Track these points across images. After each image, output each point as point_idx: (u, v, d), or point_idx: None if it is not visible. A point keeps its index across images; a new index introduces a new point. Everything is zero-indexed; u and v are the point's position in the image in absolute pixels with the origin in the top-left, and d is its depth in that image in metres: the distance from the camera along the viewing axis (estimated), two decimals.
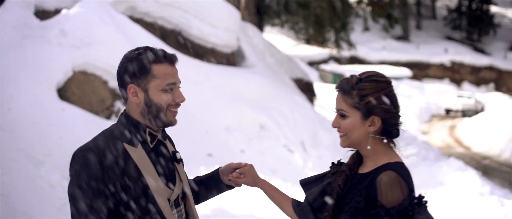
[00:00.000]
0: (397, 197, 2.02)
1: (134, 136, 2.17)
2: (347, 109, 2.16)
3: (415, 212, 2.01)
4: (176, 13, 10.49)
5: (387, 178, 2.06)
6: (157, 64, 2.15)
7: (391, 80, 2.20)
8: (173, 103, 2.19)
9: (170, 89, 2.16)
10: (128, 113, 2.20)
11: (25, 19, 7.90)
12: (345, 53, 31.99)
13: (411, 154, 13.21)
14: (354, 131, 2.17)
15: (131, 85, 2.15)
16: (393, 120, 2.17)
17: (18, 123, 6.42)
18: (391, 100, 2.15)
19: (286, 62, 14.52)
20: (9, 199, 5.07)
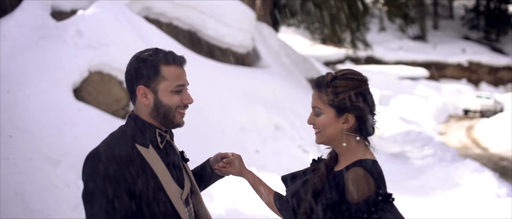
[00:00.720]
0: (363, 193, 2.03)
1: (145, 137, 2.17)
2: (321, 106, 2.18)
3: (379, 209, 2.01)
4: (191, 13, 10.51)
5: (354, 175, 2.07)
6: (167, 65, 2.16)
7: (366, 78, 2.22)
8: (182, 105, 2.20)
9: (179, 91, 2.18)
10: (137, 114, 2.21)
11: (41, 20, 7.97)
12: (361, 53, 31.88)
13: (427, 155, 13.10)
14: (328, 128, 2.19)
15: (141, 86, 2.16)
16: (367, 118, 2.18)
17: (35, 123, 6.48)
18: (366, 98, 2.17)
19: (302, 62, 14.49)
20: (25, 198, 5.12)
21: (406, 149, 14.29)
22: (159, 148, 2.21)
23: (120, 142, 2.13)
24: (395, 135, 16.49)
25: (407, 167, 11.72)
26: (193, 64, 9.49)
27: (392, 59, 41.34)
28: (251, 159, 8.33)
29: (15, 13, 7.93)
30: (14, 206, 5.02)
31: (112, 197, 2.03)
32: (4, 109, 6.55)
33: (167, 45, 9.22)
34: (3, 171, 5.42)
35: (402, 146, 14.70)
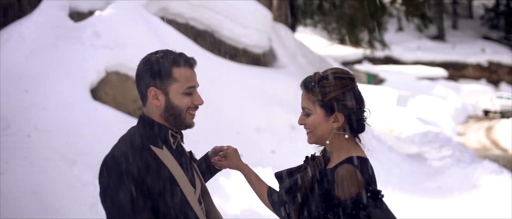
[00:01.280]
0: (352, 190, 2.05)
1: (158, 138, 2.18)
2: (311, 106, 2.19)
3: (368, 205, 2.03)
4: (208, 14, 10.54)
5: (343, 171, 2.09)
6: (178, 67, 2.17)
7: (354, 76, 2.22)
8: (192, 106, 2.21)
9: (189, 92, 2.19)
10: (148, 115, 2.22)
11: (59, 21, 8.05)
12: (379, 53, 31.70)
13: (445, 156, 12.99)
14: (318, 127, 2.20)
15: (152, 88, 2.16)
16: (357, 116, 2.19)
17: (52, 122, 6.54)
18: (354, 97, 2.18)
19: (318, 62, 14.45)
20: (42, 197, 5.17)
21: (424, 150, 14.18)
22: (172, 148, 2.22)
23: (136, 144, 2.13)
24: (412, 136, 16.37)
25: (424, 168, 11.62)
26: (209, 64, 9.53)
27: (411, 59, 41.06)
28: (267, 159, 8.32)
29: (34, 14, 8.02)
30: (31, 205, 5.08)
31: (134, 200, 2.04)
32: (22, 109, 6.63)
33: (184, 45, 9.25)
34: (20, 170, 5.48)
35: (420, 147, 14.59)
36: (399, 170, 10.80)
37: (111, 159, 2.08)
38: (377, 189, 2.09)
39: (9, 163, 5.52)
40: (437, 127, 19.88)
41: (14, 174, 5.34)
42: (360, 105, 2.20)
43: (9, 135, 6.07)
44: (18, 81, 7.05)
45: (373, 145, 8.86)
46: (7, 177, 5.27)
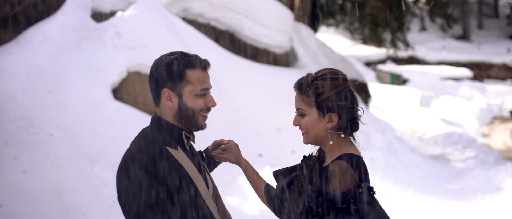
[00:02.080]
0: (344, 185, 2.09)
1: (172, 138, 2.20)
2: (305, 107, 2.23)
3: (359, 200, 2.07)
4: (229, 14, 10.55)
5: (335, 167, 2.13)
6: (192, 69, 2.21)
7: (346, 76, 2.27)
8: (205, 108, 2.25)
9: (203, 94, 2.23)
10: (161, 116, 2.24)
11: (82, 21, 8.13)
12: (403, 53, 31.45)
13: (468, 157, 12.81)
14: (313, 128, 2.25)
15: (166, 89, 2.19)
16: (350, 115, 2.24)
17: (74, 122, 6.62)
18: (347, 97, 2.22)
19: (340, 62, 14.36)
20: (63, 195, 5.24)
21: (447, 151, 14.02)
22: (186, 149, 2.24)
23: (152, 145, 2.14)
24: (435, 137, 16.19)
25: (447, 170, 11.49)
26: (230, 64, 9.53)
27: (435, 59, 40.57)
28: (287, 160, 8.28)
29: (57, 14, 8.11)
30: (52, 203, 5.14)
31: (158, 200, 2.05)
32: (45, 109, 6.71)
33: (205, 45, 9.28)
34: (42, 168, 5.55)
35: (443, 148, 14.43)
36: (421, 172, 10.70)
37: (131, 162, 2.09)
38: (369, 185, 2.13)
39: (31, 161, 5.60)
40: (461, 128, 19.61)
41: (35, 173, 5.42)
42: (354, 104, 2.24)
43: (32, 134, 6.16)
44: (41, 81, 7.14)
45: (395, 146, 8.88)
46: (29, 176, 5.35)
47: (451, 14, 20.96)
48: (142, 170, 2.06)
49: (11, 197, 4.97)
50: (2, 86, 6.74)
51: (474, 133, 20.43)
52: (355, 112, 2.27)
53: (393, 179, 9.33)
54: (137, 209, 2.03)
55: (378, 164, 9.58)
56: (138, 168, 2.06)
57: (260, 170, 7.57)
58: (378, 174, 9.19)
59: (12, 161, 5.53)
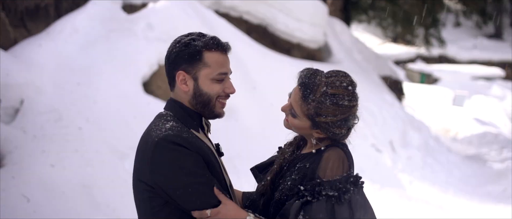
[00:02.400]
0: (336, 172, 2.03)
1: (193, 122, 2.07)
2: (299, 112, 2.12)
3: (348, 188, 2.00)
4: (262, 7, 10.31)
5: (331, 153, 2.07)
6: (210, 51, 2.03)
7: (356, 103, 2.11)
8: (223, 94, 2.08)
9: (221, 79, 2.05)
10: (177, 100, 2.09)
11: (112, 13, 7.95)
12: (433, 52, 30.94)
13: (506, 158, 12.37)
14: (300, 131, 2.18)
15: (181, 72, 2.04)
16: (340, 139, 2.15)
17: (104, 115, 6.43)
18: (346, 124, 2.11)
19: (374, 59, 14.03)
20: (92, 190, 5.03)
21: (483, 151, 13.59)
22: (206, 135, 2.14)
23: (176, 125, 2.02)
24: (470, 137, 15.75)
25: (485, 171, 11.09)
26: (263, 59, 9.27)
27: (466, 58, 39.83)
28: None
29: (87, 6, 7.95)
30: (81, 199, 4.94)
31: (201, 166, 1.97)
32: (74, 102, 6.54)
33: (237, 39, 9.04)
34: (71, 163, 5.36)
35: (478, 148, 14.00)
36: (459, 172, 10.33)
37: (163, 141, 1.95)
38: (359, 175, 2.10)
39: (59, 155, 5.41)
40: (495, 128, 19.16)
41: (64, 167, 5.23)
42: (348, 130, 2.15)
43: (61, 128, 5.98)
44: (70, 74, 6.97)
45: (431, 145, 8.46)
46: (58, 170, 5.16)
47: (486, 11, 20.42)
48: (178, 145, 1.95)
49: (39, 191, 4.78)
50: (31, 79, 6.59)
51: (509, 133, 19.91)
52: (347, 135, 2.18)
53: (432, 180, 8.98)
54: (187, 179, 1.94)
55: (416, 164, 9.24)
56: (173, 144, 1.95)
57: None
58: (415, 174, 8.85)
59: (40, 154, 5.35)
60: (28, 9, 7.62)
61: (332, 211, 1.98)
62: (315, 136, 2.14)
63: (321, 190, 1.99)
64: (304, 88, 2.10)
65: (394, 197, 7.59)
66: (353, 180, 2.04)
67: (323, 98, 2.06)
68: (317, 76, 2.10)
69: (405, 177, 8.54)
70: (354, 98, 2.12)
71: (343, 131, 2.12)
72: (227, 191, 2.11)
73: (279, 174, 2.20)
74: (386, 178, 8.18)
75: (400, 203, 7.46)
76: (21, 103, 6.32)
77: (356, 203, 2.02)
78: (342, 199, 1.99)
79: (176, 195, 1.95)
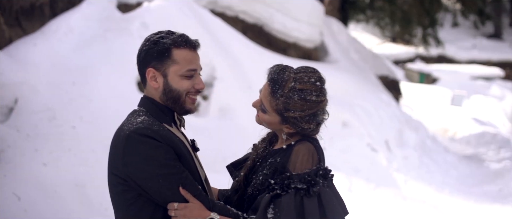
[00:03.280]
0: (305, 166, 2.06)
1: (166, 117, 2.13)
2: (269, 108, 2.15)
3: (317, 181, 2.02)
4: (258, 7, 10.30)
5: (301, 147, 2.10)
6: (178, 48, 2.09)
7: (324, 98, 2.15)
8: (193, 90, 2.13)
9: (190, 76, 2.11)
10: (149, 96, 2.15)
11: (108, 13, 7.95)
12: (432, 52, 30.92)
13: (504, 158, 12.36)
14: (270, 126, 2.21)
15: (150, 69, 2.10)
16: (311, 133, 2.17)
17: (99, 114, 6.43)
18: (315, 119, 2.14)
19: (371, 58, 14.02)
20: (84, 189, 5.03)
21: (481, 151, 13.58)
22: (179, 130, 2.19)
23: (148, 120, 2.07)
24: (468, 137, 15.74)
25: (482, 170, 11.08)
26: (259, 58, 9.26)
27: (465, 58, 39.77)
28: None
29: (82, 6, 7.95)
30: (73, 197, 4.94)
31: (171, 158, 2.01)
32: (69, 101, 6.54)
33: (233, 38, 9.04)
34: (64, 162, 5.37)
35: (476, 148, 14.00)
36: (456, 172, 10.32)
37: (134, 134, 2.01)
38: (329, 168, 2.12)
39: (52, 154, 5.42)
40: (494, 128, 19.15)
41: (57, 166, 5.23)
42: (318, 125, 2.16)
43: (55, 127, 5.99)
44: (65, 73, 6.98)
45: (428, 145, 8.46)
46: (50, 169, 5.16)
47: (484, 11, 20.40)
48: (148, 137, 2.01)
49: (31, 190, 4.78)
50: (26, 78, 6.59)
51: (508, 133, 19.89)
52: (316, 130, 2.20)
53: (428, 179, 8.97)
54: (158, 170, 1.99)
55: (412, 163, 9.23)
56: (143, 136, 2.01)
57: None
58: (412, 173, 8.85)
59: (33, 153, 5.35)
60: (23, 9, 7.61)
61: (301, 203, 2.01)
62: (285, 131, 2.16)
63: (290, 183, 2.03)
64: (273, 83, 2.14)
65: (389, 197, 7.59)
66: (322, 173, 2.07)
67: (291, 93, 2.10)
68: (286, 72, 2.16)
69: (400, 176, 8.54)
70: (322, 93, 2.16)
71: (312, 126, 2.14)
72: (202, 185, 2.16)
73: (252, 170, 2.24)
74: (381, 178, 8.18)
75: (395, 202, 7.46)
76: (16, 102, 6.32)
77: (326, 196, 2.04)
78: (311, 191, 2.01)
79: (147, 187, 2.00)
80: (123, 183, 2.06)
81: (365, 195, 7.43)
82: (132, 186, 2.04)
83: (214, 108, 7.83)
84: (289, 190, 2.02)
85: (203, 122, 7.69)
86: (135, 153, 2.01)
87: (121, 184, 2.06)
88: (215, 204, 2.08)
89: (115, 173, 2.08)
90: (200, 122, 7.68)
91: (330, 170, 2.12)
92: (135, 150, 2.01)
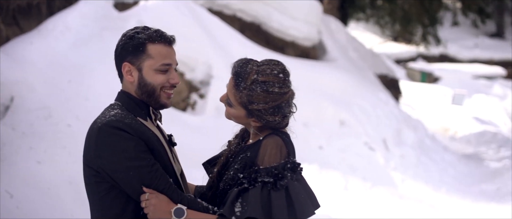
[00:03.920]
0: (273, 160, 2.07)
1: (141, 111, 2.17)
2: (234, 102, 2.17)
3: (285, 175, 2.03)
4: (256, 5, 10.31)
5: (269, 141, 2.11)
6: (153, 43, 2.15)
7: (287, 90, 2.15)
8: (168, 85, 2.17)
9: (164, 70, 2.15)
10: (126, 91, 2.21)
11: (105, 11, 7.98)
12: (434, 51, 30.90)
13: (504, 157, 12.35)
14: (238, 120, 2.22)
15: (126, 63, 2.18)
16: (278, 126, 2.17)
17: (95, 113, 6.34)
18: (279, 111, 2.14)
19: (370, 57, 14.01)
20: (77, 187, 5.03)
21: (481, 150, 13.57)
22: (153, 124, 2.22)
23: (122, 113, 2.12)
24: (468, 136, 15.73)
25: (481, 169, 11.08)
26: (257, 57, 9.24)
27: (467, 57, 39.66)
28: (314, 156, 8.02)
29: (79, 4, 7.97)
30: (66, 195, 4.97)
31: (142, 150, 2.05)
32: (65, 99, 6.56)
33: (231, 37, 9.05)
34: (58, 159, 5.38)
35: (476, 147, 13.98)
36: (454, 171, 10.32)
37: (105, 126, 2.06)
38: (297, 161, 2.12)
39: (47, 152, 5.43)
40: (494, 127, 19.12)
41: (51, 164, 5.26)
42: (284, 117, 2.16)
43: (50, 125, 6.01)
44: (61, 71, 7.00)
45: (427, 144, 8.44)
46: (44, 166, 5.18)
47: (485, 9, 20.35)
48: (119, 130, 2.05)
49: (23, 187, 4.79)
50: (22, 76, 6.61)
51: (509, 132, 19.85)
52: (283, 123, 2.19)
53: (425, 178, 8.97)
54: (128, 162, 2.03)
55: (409, 162, 9.23)
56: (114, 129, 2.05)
57: None
58: (409, 172, 8.85)
59: (27, 151, 5.37)
60: (21, 7, 7.63)
61: (268, 197, 2.01)
62: (252, 125, 2.18)
63: (257, 177, 2.04)
64: (236, 76, 2.15)
65: (385, 195, 7.60)
66: (290, 166, 2.07)
67: (254, 86, 2.11)
68: (249, 64, 2.17)
69: (397, 175, 8.55)
70: (285, 85, 2.16)
71: (277, 118, 2.14)
72: (175, 179, 2.19)
73: (225, 166, 2.25)
74: (378, 176, 8.18)
75: (391, 201, 7.47)
76: (12, 101, 6.34)
77: (294, 189, 2.04)
78: (278, 185, 2.02)
79: (118, 178, 2.05)
80: (96, 175, 2.10)
81: (361, 194, 7.44)
82: (104, 178, 2.09)
83: (210, 106, 7.84)
84: (256, 184, 2.03)
85: (200, 120, 7.70)
86: (106, 145, 2.05)
87: (94, 176, 2.11)
88: (184, 197, 2.11)
89: (88, 165, 2.13)
90: (197, 120, 7.70)
91: (298, 163, 2.12)
92: (106, 143, 2.06)
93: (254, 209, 1.99)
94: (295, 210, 2.04)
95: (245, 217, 2.00)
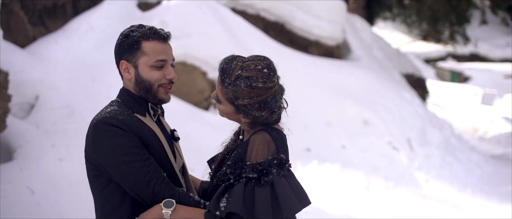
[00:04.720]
0: (260, 156, 2.06)
1: (140, 107, 2.22)
2: (222, 98, 2.18)
3: (270, 171, 2.03)
4: (279, 4, 10.29)
5: (256, 137, 2.11)
6: (147, 41, 2.20)
7: (273, 84, 2.14)
8: (165, 81, 2.22)
9: (159, 66, 2.20)
10: (126, 88, 2.27)
11: (128, 11, 8.07)
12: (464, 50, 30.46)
13: None
14: (228, 116, 2.23)
15: (123, 61, 2.23)
16: (266, 121, 2.16)
17: None
18: (266, 106, 2.13)
19: (396, 56, 13.86)
20: None
21: (510, 151, 13.32)
22: (153, 120, 2.26)
23: (120, 110, 2.18)
24: (498, 136, 15.44)
25: (509, 170, 10.86)
26: (280, 56, 9.26)
27: (499, 57, 38.97)
28: (336, 155, 7.98)
29: (104, 4, 8.08)
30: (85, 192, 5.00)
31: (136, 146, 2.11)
32: (88, 98, 6.65)
33: (254, 36, 9.05)
34: (80, 157, 5.40)
35: (505, 148, 13.72)
36: (480, 171, 10.14)
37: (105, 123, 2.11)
38: (285, 158, 2.10)
39: (69, 150, 5.52)
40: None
41: (72, 161, 5.33)
42: (271, 112, 2.15)
43: (73, 123, 6.10)
44: (85, 70, 7.10)
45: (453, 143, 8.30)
46: (66, 164, 5.27)
47: None
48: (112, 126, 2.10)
49: (45, 184, 4.88)
50: (46, 75, 6.73)
51: None
52: (271, 119, 2.17)
53: (450, 178, 8.83)
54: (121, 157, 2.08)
55: (434, 162, 9.11)
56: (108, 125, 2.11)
57: (307, 165, 7.28)
58: (433, 173, 8.73)
59: (50, 148, 5.46)
60: (47, 8, 7.78)
61: (252, 193, 2.02)
62: (242, 121, 2.20)
63: (242, 173, 2.06)
64: (222, 73, 2.17)
65: (407, 196, 7.50)
66: (277, 162, 2.07)
67: (238, 81, 2.12)
68: (234, 61, 2.17)
69: (421, 175, 8.44)
70: (270, 80, 2.14)
71: (264, 114, 2.14)
72: (172, 174, 2.24)
73: (222, 163, 2.28)
74: (401, 176, 8.10)
75: (413, 201, 7.37)
76: (36, 99, 6.47)
77: (279, 185, 2.04)
78: (262, 181, 2.02)
79: (113, 173, 2.11)
80: (95, 169, 2.17)
81: (382, 193, 7.36)
82: (102, 172, 2.16)
83: None
84: (241, 180, 2.05)
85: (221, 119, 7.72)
86: (101, 141, 2.11)
87: (93, 170, 2.18)
88: (175, 190, 2.16)
89: (88, 160, 2.22)
90: (218, 119, 7.73)
91: (286, 159, 2.11)
92: (101, 138, 2.11)
93: (235, 204, 2.01)
94: (280, 206, 2.03)
95: (227, 212, 2.02)
